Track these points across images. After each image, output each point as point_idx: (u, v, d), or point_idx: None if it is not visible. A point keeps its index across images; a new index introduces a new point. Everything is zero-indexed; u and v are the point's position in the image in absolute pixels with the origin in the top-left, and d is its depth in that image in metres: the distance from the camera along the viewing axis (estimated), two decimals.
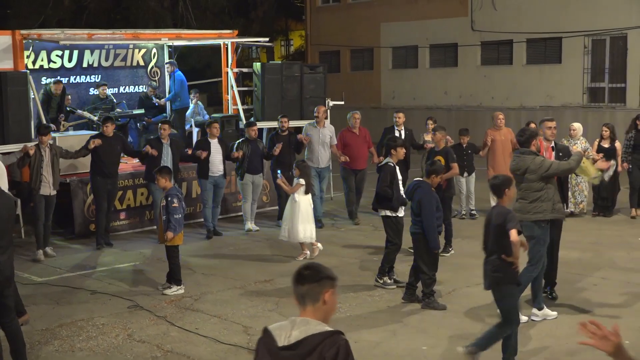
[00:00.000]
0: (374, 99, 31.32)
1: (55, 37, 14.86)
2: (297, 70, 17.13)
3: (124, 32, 16.29)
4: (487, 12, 27.54)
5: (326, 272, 4.19)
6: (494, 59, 28.32)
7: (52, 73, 15.99)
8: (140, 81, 17.53)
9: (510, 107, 26.90)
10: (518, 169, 9.07)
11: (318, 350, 3.93)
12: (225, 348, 8.45)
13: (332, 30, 32.54)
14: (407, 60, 30.96)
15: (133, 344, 8.62)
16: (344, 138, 14.98)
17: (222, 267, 12.00)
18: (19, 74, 13.75)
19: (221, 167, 13.99)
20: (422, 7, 29.62)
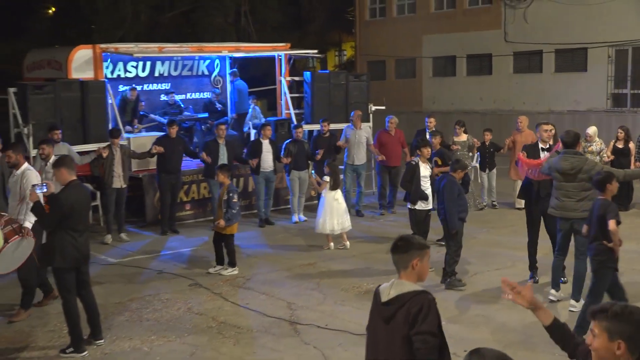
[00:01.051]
0: (416, 104, 31.40)
1: (130, 50, 15.35)
2: (343, 78, 17.40)
3: (190, 45, 16.75)
4: (519, 25, 27.48)
5: (415, 243, 4.57)
6: (525, 68, 28.23)
7: (128, 82, 16.46)
8: (205, 88, 17.94)
9: (540, 112, 26.79)
10: (573, 168, 8.83)
11: (406, 306, 4.37)
12: (270, 320, 8.83)
13: (379, 42, 32.68)
14: (446, 69, 30.98)
15: (192, 316, 9.06)
16: (380, 138, 15.33)
17: (272, 252, 12.35)
18: (98, 83, 14.25)
19: (271, 164, 14.37)
20: (459, 21, 29.65)
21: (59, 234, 7.55)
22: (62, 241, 7.55)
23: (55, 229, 7.57)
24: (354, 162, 15.17)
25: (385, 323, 4.44)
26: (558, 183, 8.98)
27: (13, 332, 8.55)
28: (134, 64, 16.46)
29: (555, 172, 8.97)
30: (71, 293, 7.74)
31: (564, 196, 8.91)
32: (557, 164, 8.98)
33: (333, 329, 8.45)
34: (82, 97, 13.79)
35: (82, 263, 7.84)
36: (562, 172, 8.89)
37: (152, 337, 8.32)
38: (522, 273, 10.37)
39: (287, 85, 17.21)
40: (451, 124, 27.02)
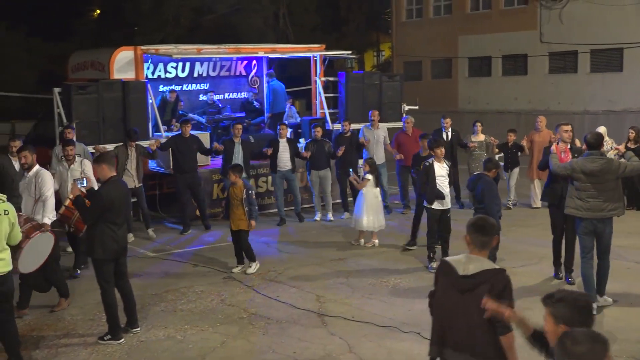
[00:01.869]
0: (451, 104, 31.38)
1: (170, 51, 15.66)
2: (377, 79, 17.53)
3: (228, 47, 17.03)
4: (554, 25, 27.37)
5: (496, 226, 5.07)
6: (561, 68, 28.11)
7: (168, 82, 16.82)
8: (242, 88, 18.20)
9: (575, 112, 26.70)
10: (601, 170, 8.68)
11: (490, 281, 4.73)
12: (299, 312, 9.05)
13: (415, 43, 32.74)
14: (481, 69, 30.96)
15: (224, 307, 9.32)
16: (398, 139, 15.35)
17: (303, 247, 12.54)
18: (139, 83, 14.57)
19: (289, 163, 14.37)
20: (495, 22, 29.60)
21: (99, 227, 7.87)
22: (102, 234, 7.86)
23: (96, 222, 7.88)
24: (375, 162, 15.10)
25: (461, 293, 4.80)
26: (581, 184, 8.82)
27: (55, 321, 8.90)
28: (173, 65, 16.79)
29: (580, 173, 8.78)
30: (109, 283, 8.06)
31: (589, 197, 8.76)
32: (583, 165, 8.78)
33: (359, 321, 8.64)
34: (123, 97, 14.11)
35: (121, 254, 8.18)
36: (589, 174, 8.72)
37: (185, 327, 8.60)
38: (547, 270, 10.50)
39: (322, 86, 17.40)
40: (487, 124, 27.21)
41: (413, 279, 10.41)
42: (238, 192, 10.74)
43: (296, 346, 7.97)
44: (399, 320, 8.63)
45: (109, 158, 8.16)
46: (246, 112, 17.66)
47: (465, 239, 4.99)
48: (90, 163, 11.18)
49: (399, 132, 15.61)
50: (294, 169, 14.61)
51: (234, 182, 10.83)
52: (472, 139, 15.19)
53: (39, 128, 16.19)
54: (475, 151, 15.17)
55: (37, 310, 9.24)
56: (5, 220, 6.96)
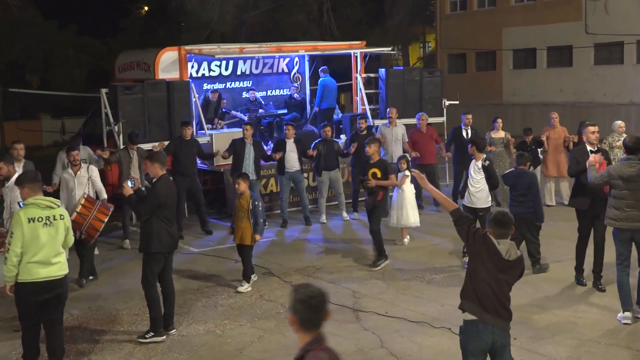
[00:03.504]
0: (496, 97, 31.34)
1: (213, 51, 16.00)
2: (417, 74, 17.65)
3: (269, 45, 17.31)
4: (599, 16, 27.12)
5: (512, 219, 5.87)
6: (606, 59, 27.87)
7: (212, 80, 17.13)
8: (284, 85, 18.39)
9: (621, 103, 26.48)
10: (639, 175, 8.30)
11: (522, 265, 5.83)
12: (334, 307, 9.21)
13: (460, 35, 32.71)
14: (526, 61, 30.83)
15: (262, 302, 9.64)
16: (413, 137, 15.23)
17: (341, 244, 12.78)
18: (183, 83, 14.96)
19: (296, 164, 14.05)
20: (539, 13, 29.43)
21: (155, 222, 8.26)
22: (159, 228, 8.27)
23: (151, 217, 8.26)
24: (393, 160, 14.35)
25: (501, 273, 5.68)
26: (619, 192, 8.42)
27: (102, 315, 9.33)
28: (217, 63, 17.06)
29: (618, 179, 8.40)
30: (155, 280, 8.43)
31: (627, 206, 8.36)
32: (620, 170, 8.41)
33: (392, 317, 8.88)
34: (168, 96, 14.52)
35: (174, 248, 8.62)
36: (628, 179, 8.34)
37: (225, 322, 8.94)
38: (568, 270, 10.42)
39: (362, 82, 17.59)
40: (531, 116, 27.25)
41: (447, 275, 10.58)
42: (244, 203, 10.12)
43: (330, 341, 8.06)
44: (431, 315, 8.85)
45: (161, 157, 8.56)
46: (288, 109, 17.92)
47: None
48: (96, 168, 11.22)
49: (413, 130, 15.48)
50: (302, 170, 14.44)
51: (242, 192, 10.19)
52: (492, 135, 15.13)
53: (88, 127, 16.72)
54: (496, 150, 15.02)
55: (84, 304, 9.69)
56: (61, 225, 7.18)
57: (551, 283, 10.07)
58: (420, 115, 15.57)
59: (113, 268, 11.60)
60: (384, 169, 11.13)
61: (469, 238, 5.80)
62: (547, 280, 10.22)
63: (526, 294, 9.49)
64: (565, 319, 8.73)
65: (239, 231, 10.15)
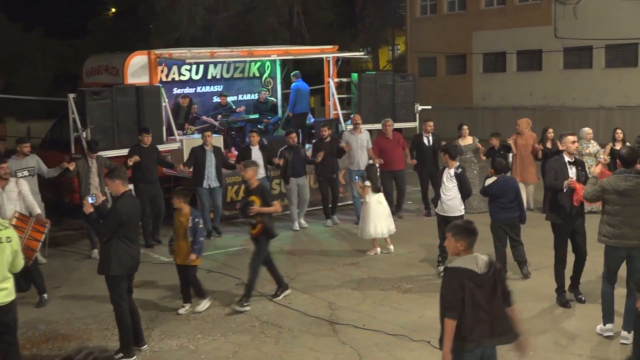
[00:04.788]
0: (466, 100, 31.36)
1: (183, 55, 15.73)
2: (390, 79, 17.51)
3: (241, 49, 17.06)
4: (568, 20, 27.25)
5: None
6: (575, 63, 28.00)
7: (182, 84, 16.91)
8: (256, 90, 18.22)
9: (590, 107, 26.62)
10: (636, 189, 7.81)
11: (497, 272, 5.66)
12: (310, 320, 9.11)
13: (430, 38, 32.69)
14: (496, 64, 30.88)
15: (237, 315, 9.37)
16: (379, 143, 14.85)
17: (315, 253, 12.53)
18: (153, 88, 14.66)
19: (262, 171, 13.39)
20: (509, 17, 29.51)
21: (115, 242, 7.84)
22: (118, 249, 7.84)
23: (111, 238, 7.84)
24: (359, 168, 14.38)
25: (482, 287, 5.57)
26: (613, 207, 7.90)
27: (70, 331, 9.01)
28: (187, 68, 16.87)
29: (612, 193, 7.88)
30: (124, 300, 8.05)
31: (622, 223, 7.86)
32: (615, 184, 7.87)
33: (370, 329, 8.69)
34: (137, 101, 14.21)
35: (135, 270, 8.23)
36: (623, 194, 7.82)
37: (198, 336, 8.68)
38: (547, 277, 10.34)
39: (334, 87, 17.42)
40: (502, 120, 27.29)
41: (424, 284, 10.43)
42: (184, 220, 9.35)
43: (307, 356, 8.04)
44: (410, 328, 8.67)
45: (121, 172, 8.13)
46: (259, 113, 17.70)
47: (448, 243, 5.74)
48: (26, 182, 10.62)
49: (379, 136, 15.16)
50: (268, 177, 14.18)
51: (177, 207, 9.44)
52: (460, 142, 15.02)
53: (55, 132, 16.33)
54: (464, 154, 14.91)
55: (52, 318, 9.37)
56: (7, 248, 6.74)
57: (528, 294, 9.94)
58: (385, 120, 15.15)
59: (81, 280, 11.25)
60: (262, 196, 9.73)
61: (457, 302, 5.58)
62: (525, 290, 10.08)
63: None
64: (545, 328, 8.61)
65: (179, 250, 9.45)
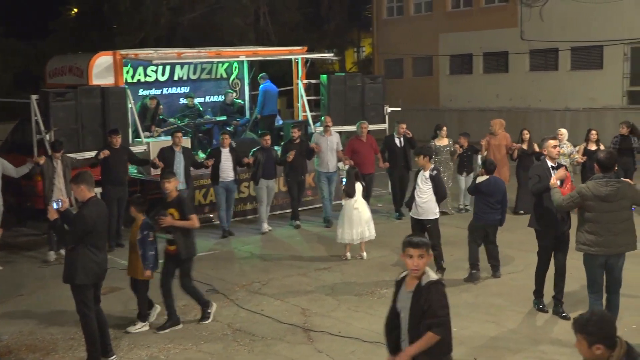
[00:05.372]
0: (433, 102, 31.33)
1: (150, 56, 15.38)
2: (359, 80, 17.33)
3: (208, 50, 16.74)
4: (535, 23, 27.34)
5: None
6: (542, 65, 28.09)
7: (148, 86, 16.58)
8: (223, 91, 17.95)
9: (556, 109, 26.73)
10: (617, 194, 7.58)
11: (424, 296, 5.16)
12: (284, 327, 8.85)
13: (396, 40, 32.58)
14: (463, 66, 30.87)
15: (208, 323, 9.07)
16: (352, 145, 14.76)
17: (287, 257, 12.29)
18: (118, 89, 14.31)
19: (231, 174, 13.64)
20: (476, 19, 29.52)
21: (80, 250, 7.50)
22: (84, 257, 7.50)
23: (77, 245, 7.51)
24: (328, 170, 14.54)
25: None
26: (593, 214, 7.65)
27: (34, 341, 8.64)
28: (153, 69, 16.56)
29: (592, 200, 7.61)
30: (91, 309, 7.71)
31: (603, 230, 7.62)
32: (595, 189, 7.60)
33: (346, 337, 8.46)
34: (102, 103, 13.82)
35: (102, 279, 7.89)
36: (604, 200, 7.57)
37: (169, 345, 8.38)
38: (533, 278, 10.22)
39: (303, 88, 17.20)
40: (467, 122, 27.28)
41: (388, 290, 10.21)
42: (136, 231, 8.83)
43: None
44: None
45: (87, 177, 7.70)
46: (226, 115, 17.41)
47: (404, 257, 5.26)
48: None
49: (352, 138, 15.05)
50: (236, 180, 14.01)
51: (133, 216, 8.95)
52: (437, 143, 14.92)
53: (17, 134, 15.86)
54: (440, 156, 14.83)
55: (14, 329, 9.00)
56: None
57: (504, 297, 9.81)
58: (361, 122, 15.06)
59: (45, 287, 10.85)
60: (181, 209, 8.75)
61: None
62: (501, 294, 9.95)
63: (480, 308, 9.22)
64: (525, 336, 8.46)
65: (130, 263, 8.94)
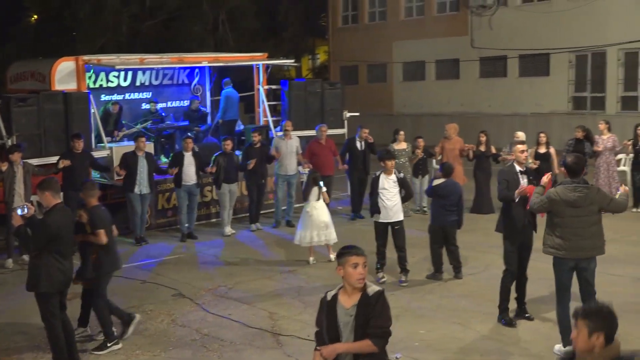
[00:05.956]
0: (387, 107, 31.29)
1: (112, 62, 14.98)
2: (319, 86, 17.18)
3: (171, 56, 16.38)
4: (484, 31, 27.48)
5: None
6: (491, 72, 28.22)
7: (110, 91, 16.17)
8: (185, 97, 17.63)
9: (505, 114, 26.87)
10: (586, 199, 7.27)
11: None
12: (253, 332, 8.57)
13: (351, 48, 32.48)
14: (415, 73, 30.87)
15: (176, 328, 8.77)
16: (312, 148, 14.67)
17: (252, 260, 12.03)
18: (81, 94, 13.90)
19: (194, 177, 13.37)
20: (428, 28, 29.54)
21: (45, 257, 7.12)
22: (48, 265, 7.11)
23: (41, 253, 7.13)
24: (287, 172, 14.41)
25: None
26: (561, 219, 7.35)
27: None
28: (115, 74, 16.15)
29: (560, 204, 7.32)
30: (56, 317, 7.32)
31: (571, 234, 7.31)
32: (564, 194, 7.31)
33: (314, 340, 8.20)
34: (65, 108, 13.42)
35: (67, 287, 7.51)
36: (573, 205, 7.27)
37: (137, 352, 8.04)
38: (496, 276, 9.95)
39: (264, 94, 16.96)
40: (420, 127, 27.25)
41: None
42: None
43: None
44: None
45: (53, 184, 7.31)
46: (189, 121, 17.06)
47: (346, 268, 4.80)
48: None
49: (312, 141, 14.93)
50: (198, 184, 13.67)
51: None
52: (395, 147, 14.78)
53: None
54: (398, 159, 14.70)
55: None
56: None
57: (469, 298, 9.67)
58: (321, 126, 15.00)
59: (8, 293, 10.38)
60: (92, 222, 7.96)
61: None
62: (465, 295, 9.81)
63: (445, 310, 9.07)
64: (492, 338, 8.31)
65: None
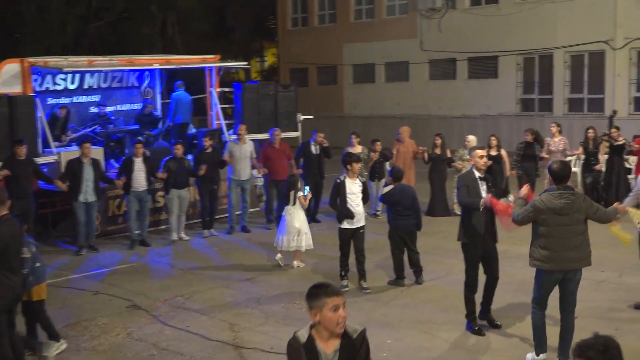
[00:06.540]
0: (337, 109, 31.07)
1: (59, 64, 14.32)
2: (272, 89, 16.84)
3: (120, 58, 15.79)
4: (433, 34, 27.45)
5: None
6: (440, 75, 28.21)
7: (57, 94, 15.51)
8: (135, 100, 17.04)
9: (455, 116, 26.88)
10: (572, 207, 6.94)
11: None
12: (213, 345, 8.12)
13: (301, 50, 32.18)
14: (365, 75, 30.72)
15: (132, 342, 8.27)
16: (266, 152, 14.34)
17: (207, 268, 11.58)
18: (27, 98, 13.26)
19: (144, 183, 12.87)
20: (378, 30, 29.42)
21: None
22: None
23: None
24: (240, 177, 14.05)
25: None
26: (547, 228, 6.97)
27: None
28: (62, 77, 15.50)
29: (546, 213, 6.94)
30: (4, 337, 6.74)
31: (558, 245, 6.94)
32: (549, 202, 6.94)
33: (278, 353, 7.79)
34: (10, 112, 12.79)
35: (17, 304, 6.94)
36: (559, 213, 6.91)
37: None
38: (458, 281, 9.71)
39: (217, 97, 16.50)
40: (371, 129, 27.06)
41: None
42: None
43: None
44: None
45: (1, 195, 6.69)
46: (140, 124, 16.45)
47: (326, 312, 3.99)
48: None
49: (266, 145, 14.58)
50: (149, 190, 13.16)
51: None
52: (351, 151, 14.49)
53: None
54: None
55: None
56: None
57: (432, 305, 9.39)
58: (274, 130, 14.63)
59: None
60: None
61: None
62: (428, 302, 9.53)
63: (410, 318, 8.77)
64: (459, 346, 8.03)
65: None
